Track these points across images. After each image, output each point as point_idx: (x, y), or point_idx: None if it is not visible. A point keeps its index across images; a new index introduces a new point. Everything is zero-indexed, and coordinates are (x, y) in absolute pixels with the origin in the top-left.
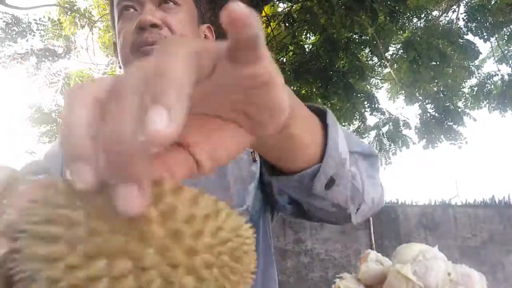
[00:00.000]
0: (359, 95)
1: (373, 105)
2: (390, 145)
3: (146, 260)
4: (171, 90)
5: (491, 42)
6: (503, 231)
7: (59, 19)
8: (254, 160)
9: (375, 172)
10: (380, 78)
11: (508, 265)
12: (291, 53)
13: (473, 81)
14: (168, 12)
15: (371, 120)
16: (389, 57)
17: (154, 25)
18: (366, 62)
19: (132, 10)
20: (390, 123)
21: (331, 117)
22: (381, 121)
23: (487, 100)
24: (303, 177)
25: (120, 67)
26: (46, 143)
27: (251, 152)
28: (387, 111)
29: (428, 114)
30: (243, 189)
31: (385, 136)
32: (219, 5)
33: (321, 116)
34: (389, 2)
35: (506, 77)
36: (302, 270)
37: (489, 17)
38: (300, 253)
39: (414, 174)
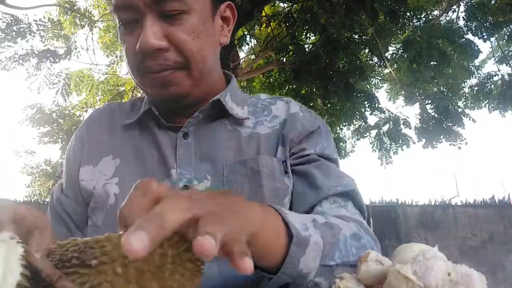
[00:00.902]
0: (359, 94)
1: (373, 105)
2: (391, 144)
3: None
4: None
5: (491, 42)
6: (503, 231)
7: (59, 20)
8: (286, 172)
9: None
10: (380, 78)
11: (508, 265)
12: (291, 53)
13: (473, 81)
14: (173, 23)
15: (372, 119)
16: (389, 57)
17: (158, 49)
18: (366, 62)
19: (131, 22)
20: (390, 122)
21: (297, 238)
22: (381, 120)
23: (487, 100)
24: (260, 274)
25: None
26: (47, 143)
27: (283, 162)
28: (387, 109)
29: (428, 114)
30: (278, 203)
31: (386, 135)
32: None
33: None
34: (389, 2)
35: (506, 77)
36: None
37: (489, 17)
38: None
39: (414, 174)
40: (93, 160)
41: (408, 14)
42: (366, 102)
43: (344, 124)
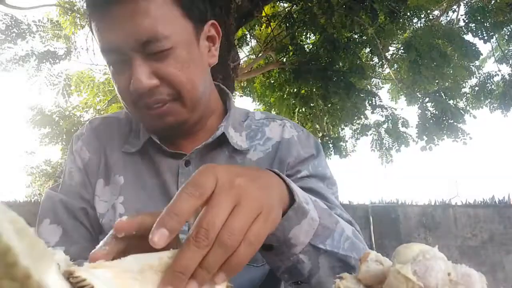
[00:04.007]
0: (361, 95)
1: (374, 103)
2: (393, 143)
3: None
4: None
5: (491, 43)
6: (503, 231)
7: (57, 20)
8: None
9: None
10: (381, 78)
11: (508, 265)
12: (291, 53)
13: (473, 81)
14: (160, 60)
15: (372, 118)
16: (389, 57)
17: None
18: (367, 62)
19: (120, 63)
20: (389, 121)
21: (298, 205)
22: (382, 116)
23: (489, 100)
24: None
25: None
26: (48, 144)
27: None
28: (389, 107)
29: (428, 113)
30: None
31: (387, 133)
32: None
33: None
34: (389, 2)
35: (507, 76)
36: None
37: (489, 18)
38: None
39: (414, 174)
40: (106, 177)
41: (408, 14)
42: (366, 101)
43: (346, 124)
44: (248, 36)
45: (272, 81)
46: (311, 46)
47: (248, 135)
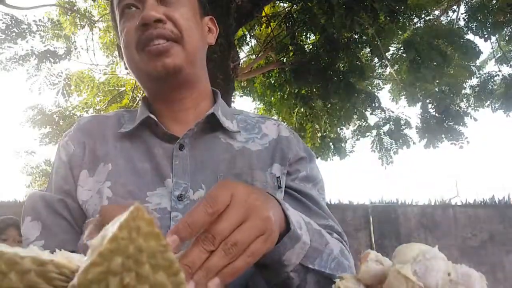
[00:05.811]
0: (361, 96)
1: (374, 104)
2: (392, 144)
3: None
4: None
5: (491, 43)
6: (503, 231)
7: (58, 20)
8: (279, 187)
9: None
10: (382, 79)
11: (508, 265)
12: (291, 53)
13: (474, 81)
14: (170, 6)
15: (372, 119)
16: (389, 57)
17: (157, 20)
18: (367, 62)
19: (133, 8)
20: (391, 122)
21: (293, 233)
22: (381, 120)
23: (490, 100)
24: None
25: (126, 68)
26: (47, 144)
27: (277, 178)
28: (388, 109)
29: (429, 114)
30: None
31: (386, 135)
32: None
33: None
34: (389, 2)
35: (508, 77)
36: None
37: (490, 17)
38: None
39: (414, 174)
40: (91, 168)
41: (408, 13)
42: (366, 102)
43: (344, 124)
44: (248, 36)
45: (272, 81)
46: (311, 46)
47: (244, 128)
